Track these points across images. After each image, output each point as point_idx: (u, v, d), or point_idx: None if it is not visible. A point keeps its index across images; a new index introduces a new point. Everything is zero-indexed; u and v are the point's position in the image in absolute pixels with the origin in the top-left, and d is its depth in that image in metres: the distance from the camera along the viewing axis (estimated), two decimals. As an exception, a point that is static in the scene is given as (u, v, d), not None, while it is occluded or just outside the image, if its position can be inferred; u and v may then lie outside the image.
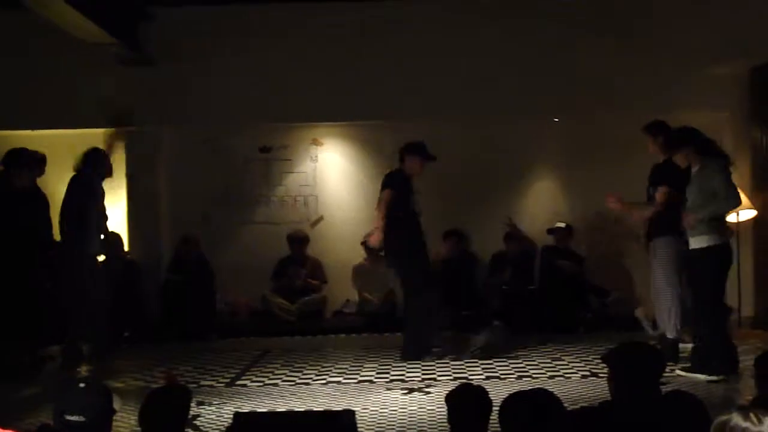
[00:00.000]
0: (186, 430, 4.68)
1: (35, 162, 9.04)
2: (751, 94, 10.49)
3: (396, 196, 8.73)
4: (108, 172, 9.34)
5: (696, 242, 7.45)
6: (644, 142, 8.58)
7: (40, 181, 9.23)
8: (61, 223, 9.06)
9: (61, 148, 9.90)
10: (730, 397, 6.66)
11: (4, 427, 3.50)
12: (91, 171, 9.13)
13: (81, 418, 3.70)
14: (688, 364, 7.57)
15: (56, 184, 9.65)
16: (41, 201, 8.97)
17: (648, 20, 10.64)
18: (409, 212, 8.81)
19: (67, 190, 9.11)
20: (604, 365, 4.47)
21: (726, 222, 7.84)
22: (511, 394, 4.00)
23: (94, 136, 10.89)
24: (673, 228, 7.83)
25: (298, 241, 11.17)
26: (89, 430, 3.56)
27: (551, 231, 10.96)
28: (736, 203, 7.64)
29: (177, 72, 10.75)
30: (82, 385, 3.90)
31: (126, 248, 10.86)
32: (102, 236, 9.22)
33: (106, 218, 9.26)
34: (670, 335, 8.10)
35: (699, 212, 7.37)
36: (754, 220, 10.21)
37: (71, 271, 8.90)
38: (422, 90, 10.72)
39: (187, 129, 11.21)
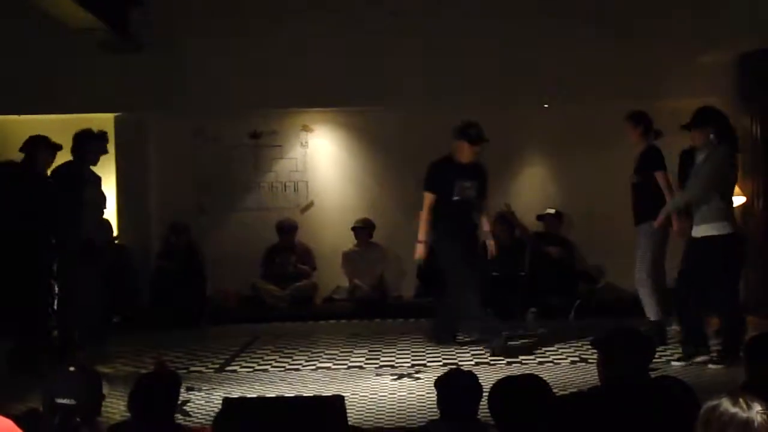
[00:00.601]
0: (176, 415, 4.68)
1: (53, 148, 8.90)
2: (740, 81, 10.51)
3: (433, 199, 8.56)
4: (95, 157, 9.14)
5: (698, 231, 7.41)
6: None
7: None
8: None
9: (48, 133, 9.84)
10: (719, 382, 6.66)
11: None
12: (78, 159, 9.00)
13: (71, 401, 3.71)
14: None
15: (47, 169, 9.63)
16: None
17: (636, 7, 10.62)
18: (452, 203, 8.57)
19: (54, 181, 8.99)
20: (594, 351, 4.48)
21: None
22: (500, 380, 4.02)
23: (81, 121, 10.86)
24: (653, 214, 7.90)
25: (287, 229, 11.16)
26: (79, 413, 3.57)
27: (541, 217, 10.98)
28: (690, 195, 7.53)
29: (166, 58, 10.69)
30: (72, 368, 3.90)
31: (115, 234, 10.84)
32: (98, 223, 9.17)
33: (97, 206, 9.17)
34: (653, 318, 8.16)
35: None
36: (743, 207, 10.23)
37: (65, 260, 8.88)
38: (413, 76, 10.69)
39: (176, 115, 11.18)
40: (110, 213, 10.86)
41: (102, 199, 9.09)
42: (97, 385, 3.90)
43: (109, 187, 10.97)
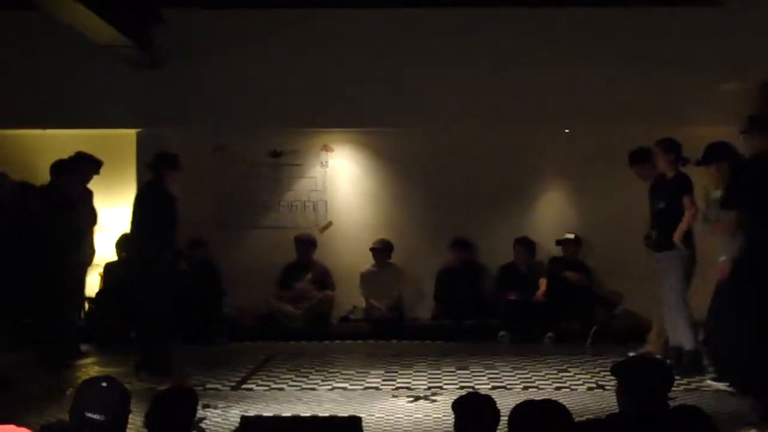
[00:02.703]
0: (192, 432, 4.69)
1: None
2: (762, 108, 10.47)
3: None
4: (84, 179, 9.48)
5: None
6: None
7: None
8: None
9: (71, 147, 9.90)
10: (739, 411, 6.59)
11: (17, 425, 3.49)
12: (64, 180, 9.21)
13: (101, 417, 3.71)
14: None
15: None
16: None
17: (661, 34, 10.64)
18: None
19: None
20: (611, 377, 4.46)
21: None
22: (520, 404, 4.00)
23: (103, 137, 10.95)
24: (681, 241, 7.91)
25: (305, 243, 11.16)
26: (107, 429, 3.57)
27: (560, 242, 10.95)
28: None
29: (188, 75, 10.78)
30: (104, 384, 3.89)
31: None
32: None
33: (87, 223, 9.48)
34: (689, 347, 8.06)
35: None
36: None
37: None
38: (433, 98, 10.73)
39: (197, 132, 11.21)
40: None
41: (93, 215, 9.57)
42: (126, 403, 3.90)
43: (129, 202, 11.06)
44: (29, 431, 2.86)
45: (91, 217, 9.66)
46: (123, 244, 10.77)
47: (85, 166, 9.44)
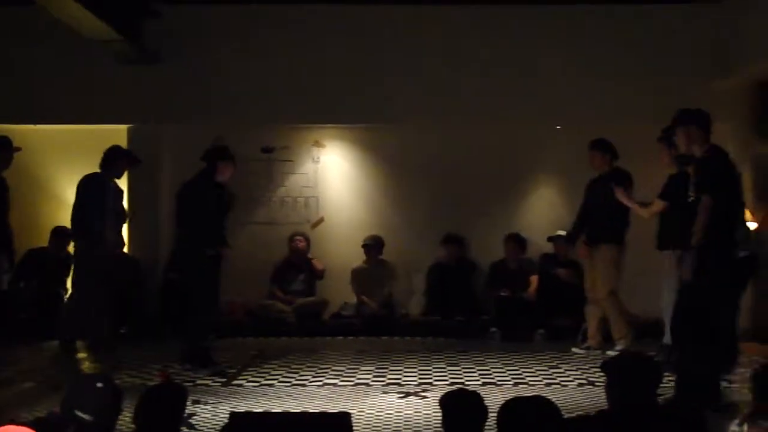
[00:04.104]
0: (181, 428, 4.67)
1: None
2: (754, 106, 10.49)
3: None
4: (120, 172, 9.54)
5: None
6: (647, 152, 8.61)
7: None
8: (77, 219, 9.29)
9: (62, 143, 9.89)
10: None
11: (13, 422, 3.47)
12: (104, 172, 9.37)
13: (89, 417, 3.67)
14: None
15: (61, 179, 9.76)
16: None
17: (653, 31, 10.66)
18: None
19: (84, 188, 9.29)
20: (601, 374, 4.47)
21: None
22: (509, 400, 4.00)
23: (95, 132, 10.93)
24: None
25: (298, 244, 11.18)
26: (94, 429, 3.54)
27: (551, 239, 10.96)
28: None
29: (180, 71, 10.76)
30: (99, 384, 3.85)
31: (125, 245, 10.88)
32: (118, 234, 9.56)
33: (122, 217, 9.57)
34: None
35: None
36: (755, 233, 10.17)
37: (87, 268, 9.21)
38: (425, 94, 10.74)
39: (189, 127, 11.19)
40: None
41: (123, 211, 9.63)
42: (117, 404, 3.86)
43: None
44: (29, 430, 2.83)
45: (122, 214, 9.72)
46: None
47: (120, 161, 9.47)
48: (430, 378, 8.08)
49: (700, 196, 6.67)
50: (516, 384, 7.80)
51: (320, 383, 7.91)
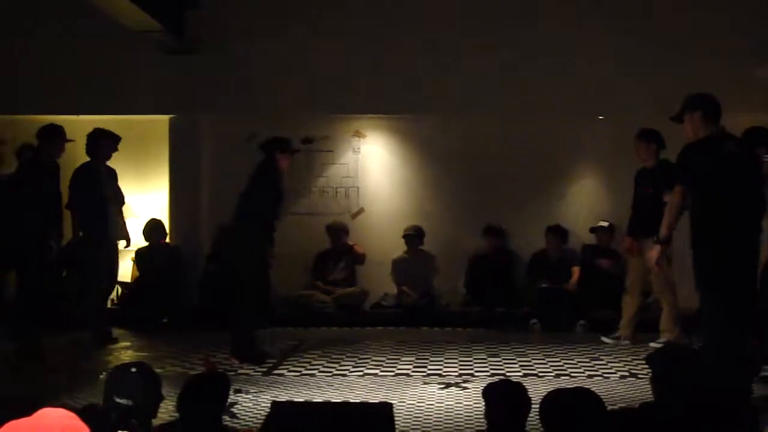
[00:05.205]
0: (223, 417, 4.69)
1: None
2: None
3: None
4: (105, 154, 9.42)
5: None
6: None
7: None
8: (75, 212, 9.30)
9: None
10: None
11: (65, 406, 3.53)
12: (92, 158, 9.34)
13: (128, 402, 3.73)
14: None
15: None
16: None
17: (691, 21, 10.53)
18: None
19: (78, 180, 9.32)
20: (643, 365, 4.43)
21: None
22: (552, 392, 3.97)
23: (136, 123, 11.02)
24: None
25: (336, 231, 11.16)
26: (136, 413, 3.61)
27: (594, 230, 10.88)
28: None
29: (221, 61, 10.81)
30: (134, 369, 3.93)
31: (167, 235, 10.97)
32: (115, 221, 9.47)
33: (116, 202, 9.49)
34: None
35: None
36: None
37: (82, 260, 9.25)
38: (466, 86, 10.70)
39: (229, 118, 11.23)
40: (163, 213, 11.02)
41: (120, 195, 9.55)
42: (155, 388, 3.92)
43: (162, 188, 11.13)
44: (69, 413, 2.85)
45: (119, 197, 9.64)
46: (150, 230, 10.85)
47: (103, 142, 9.37)
48: (471, 369, 8.05)
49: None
50: (557, 376, 7.75)
51: (361, 373, 7.91)
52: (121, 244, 9.70)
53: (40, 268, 8.78)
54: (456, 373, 7.84)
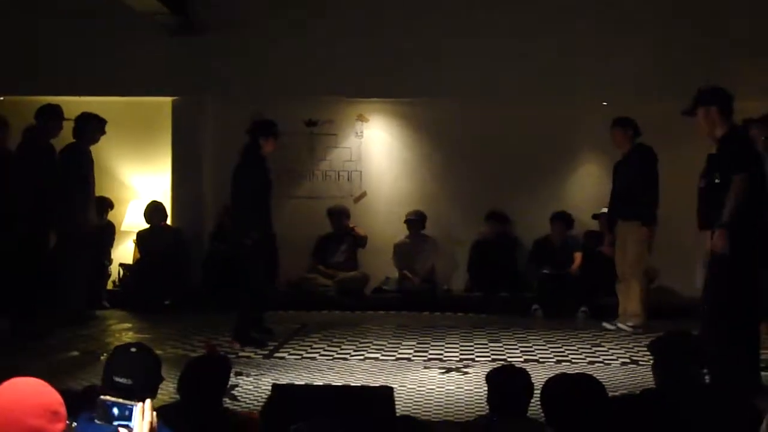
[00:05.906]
0: (224, 399, 4.70)
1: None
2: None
3: None
4: (93, 137, 9.37)
5: None
6: (696, 129, 8.46)
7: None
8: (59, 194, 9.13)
9: (107, 115, 9.90)
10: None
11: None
12: (79, 141, 9.28)
13: (128, 381, 3.74)
14: None
15: (107, 150, 9.88)
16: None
17: (714, 4, 10.46)
18: None
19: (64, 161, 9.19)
20: (644, 352, 4.42)
21: None
22: (553, 377, 3.97)
23: (139, 104, 10.99)
24: None
25: (338, 214, 11.15)
26: (135, 393, 3.60)
27: (596, 216, 10.85)
28: None
29: (224, 42, 10.77)
30: (133, 349, 3.94)
31: (167, 217, 10.95)
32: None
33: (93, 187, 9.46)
34: None
35: None
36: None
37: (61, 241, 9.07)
38: (470, 70, 10.66)
39: (232, 99, 11.20)
40: (165, 195, 11.01)
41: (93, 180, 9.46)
42: (155, 368, 3.92)
43: (165, 170, 11.12)
44: (39, 380, 2.86)
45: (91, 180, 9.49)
46: (151, 212, 10.83)
47: (92, 125, 9.32)
48: (472, 354, 8.06)
49: (731, 176, 6.44)
50: (558, 361, 7.75)
51: (362, 357, 7.92)
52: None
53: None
54: (457, 358, 7.85)
